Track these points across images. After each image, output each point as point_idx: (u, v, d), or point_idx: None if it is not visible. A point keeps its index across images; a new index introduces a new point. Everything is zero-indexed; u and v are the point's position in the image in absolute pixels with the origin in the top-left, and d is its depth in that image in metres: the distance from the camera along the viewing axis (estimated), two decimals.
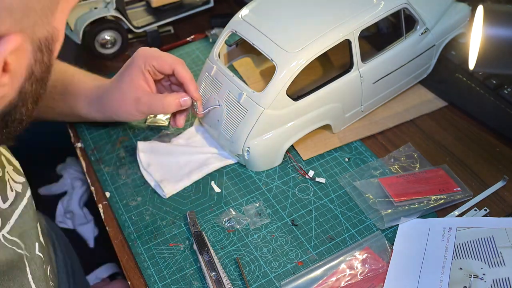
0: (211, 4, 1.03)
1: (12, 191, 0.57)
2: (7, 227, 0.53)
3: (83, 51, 0.97)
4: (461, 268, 0.57)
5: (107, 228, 0.69)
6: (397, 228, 0.65)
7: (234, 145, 0.71)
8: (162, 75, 0.73)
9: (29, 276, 0.54)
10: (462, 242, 0.60)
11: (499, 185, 0.69)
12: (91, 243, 0.93)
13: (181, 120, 0.73)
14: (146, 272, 0.63)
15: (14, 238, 0.54)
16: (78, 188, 0.96)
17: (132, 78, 0.71)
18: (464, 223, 0.63)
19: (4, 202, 0.54)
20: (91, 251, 0.93)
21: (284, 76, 0.66)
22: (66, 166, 1.00)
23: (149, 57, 0.71)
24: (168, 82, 0.76)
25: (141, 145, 0.76)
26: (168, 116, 0.83)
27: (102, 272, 0.90)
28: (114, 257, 0.66)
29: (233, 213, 0.68)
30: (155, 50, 0.72)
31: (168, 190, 0.71)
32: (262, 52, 0.68)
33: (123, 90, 0.72)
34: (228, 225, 0.67)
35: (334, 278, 0.59)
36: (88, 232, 0.95)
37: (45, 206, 0.93)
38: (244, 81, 0.72)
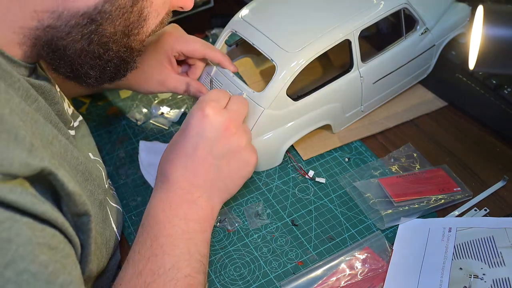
0: (211, 4, 1.03)
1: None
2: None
3: None
4: (461, 268, 0.57)
5: None
6: (397, 228, 0.65)
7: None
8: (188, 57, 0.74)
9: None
10: (462, 242, 0.60)
11: (499, 185, 0.69)
12: None
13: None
14: None
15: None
16: None
17: (158, 62, 0.72)
18: (464, 223, 0.63)
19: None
20: None
21: (284, 76, 0.66)
22: None
23: (176, 42, 0.72)
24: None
25: (143, 144, 0.76)
26: (169, 116, 0.83)
27: None
28: None
29: (227, 213, 0.68)
30: (181, 35, 0.73)
31: None
32: (262, 52, 0.68)
33: (148, 73, 0.73)
34: (219, 224, 0.67)
35: (334, 278, 0.59)
36: None
37: None
38: (244, 81, 0.72)
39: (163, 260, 0.54)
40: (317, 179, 0.72)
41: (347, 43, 0.69)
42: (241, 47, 0.80)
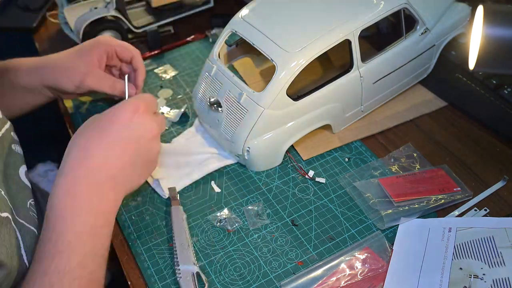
0: (211, 4, 1.03)
1: None
2: None
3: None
4: (461, 268, 0.57)
5: None
6: (397, 228, 0.65)
7: (234, 145, 0.71)
8: (115, 62, 0.80)
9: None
10: (462, 242, 0.60)
11: (499, 185, 0.69)
12: None
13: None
14: (146, 272, 0.63)
15: None
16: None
17: (89, 56, 0.76)
18: (464, 223, 0.63)
19: None
20: None
21: (284, 76, 0.66)
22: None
23: (112, 43, 0.78)
24: (118, 72, 0.83)
25: None
26: (169, 116, 0.83)
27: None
28: (114, 257, 0.66)
29: (227, 213, 0.68)
30: (115, 39, 0.80)
31: (168, 190, 0.71)
32: (262, 52, 0.68)
33: (76, 62, 0.76)
34: (219, 224, 0.67)
35: (334, 278, 0.59)
36: None
37: None
38: (244, 81, 0.72)
39: (69, 258, 0.52)
40: (317, 179, 0.72)
41: (347, 43, 0.69)
42: (241, 47, 0.80)
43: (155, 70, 0.93)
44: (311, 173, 0.73)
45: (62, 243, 0.53)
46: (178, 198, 0.70)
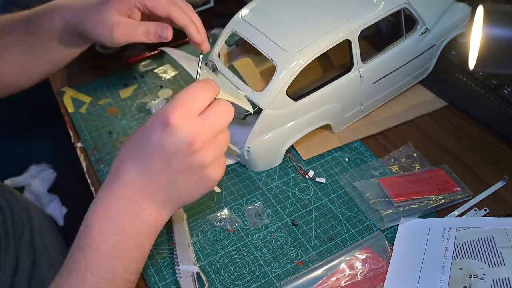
0: (211, 4, 1.03)
1: None
2: None
3: (83, 51, 0.97)
4: (461, 268, 0.57)
5: None
6: (397, 228, 0.65)
7: (234, 145, 0.71)
8: (156, 18, 0.66)
9: None
10: (462, 242, 0.60)
11: (499, 185, 0.69)
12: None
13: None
14: (146, 272, 0.63)
15: None
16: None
17: (116, 7, 0.64)
18: (464, 223, 0.63)
19: None
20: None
21: (284, 76, 0.66)
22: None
23: None
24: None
25: None
26: None
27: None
28: None
29: (227, 213, 0.68)
30: None
31: None
32: (262, 52, 0.68)
33: (102, 15, 0.65)
34: (219, 224, 0.67)
35: (334, 278, 0.59)
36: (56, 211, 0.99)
37: None
38: (244, 81, 0.72)
39: (84, 277, 0.50)
40: (317, 179, 0.72)
41: (347, 43, 0.69)
42: (241, 47, 0.80)
43: (155, 70, 0.93)
44: (311, 173, 0.73)
45: (81, 259, 0.51)
46: None
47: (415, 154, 0.73)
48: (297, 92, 0.72)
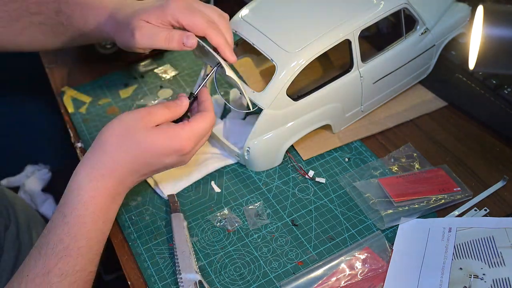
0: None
1: None
2: None
3: (83, 51, 0.97)
4: (461, 268, 0.57)
5: None
6: (397, 228, 0.65)
7: (234, 145, 0.71)
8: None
9: None
10: (462, 242, 0.60)
11: (499, 185, 0.69)
12: None
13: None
14: (146, 272, 0.63)
15: None
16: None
17: (148, 20, 0.64)
18: (464, 223, 0.63)
19: None
20: None
21: (284, 76, 0.66)
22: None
23: (179, 8, 0.63)
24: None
25: None
26: None
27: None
28: (114, 257, 0.66)
29: (227, 213, 0.68)
30: (188, 5, 0.64)
31: (167, 190, 0.71)
32: (262, 52, 0.68)
33: (130, 22, 0.64)
34: (219, 224, 0.67)
35: (334, 278, 0.59)
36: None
37: None
38: (244, 81, 0.72)
39: (75, 262, 0.54)
40: (317, 179, 0.72)
41: (347, 43, 0.69)
42: (241, 47, 0.80)
43: (155, 70, 0.93)
44: (311, 173, 0.73)
45: (73, 247, 0.54)
46: (178, 205, 0.69)
47: (415, 154, 0.73)
48: (297, 92, 0.72)
